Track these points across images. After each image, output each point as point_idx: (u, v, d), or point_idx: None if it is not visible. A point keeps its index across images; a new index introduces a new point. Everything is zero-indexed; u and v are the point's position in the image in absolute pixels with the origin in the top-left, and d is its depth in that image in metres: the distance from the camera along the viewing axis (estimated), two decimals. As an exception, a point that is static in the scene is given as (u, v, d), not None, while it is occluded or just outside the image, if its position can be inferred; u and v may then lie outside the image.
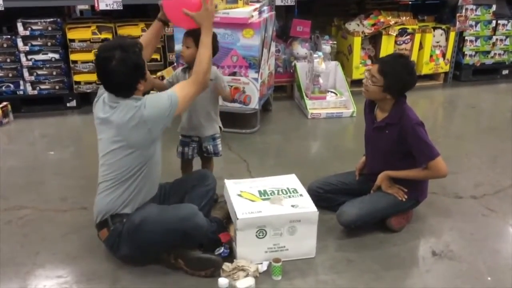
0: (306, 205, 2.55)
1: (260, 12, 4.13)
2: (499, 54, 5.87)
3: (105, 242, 2.43)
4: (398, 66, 2.65)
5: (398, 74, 2.62)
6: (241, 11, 3.90)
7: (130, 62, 2.21)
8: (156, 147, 2.38)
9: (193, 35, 2.81)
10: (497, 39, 5.77)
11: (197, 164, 3.12)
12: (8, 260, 2.54)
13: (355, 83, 5.20)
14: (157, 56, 4.74)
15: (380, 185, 2.80)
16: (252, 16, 3.93)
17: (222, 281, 2.28)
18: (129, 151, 2.29)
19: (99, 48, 2.34)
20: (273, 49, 4.67)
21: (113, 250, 2.43)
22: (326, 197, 2.92)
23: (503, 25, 5.73)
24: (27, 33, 4.47)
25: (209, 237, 2.49)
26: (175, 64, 4.33)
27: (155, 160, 2.40)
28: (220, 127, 3.04)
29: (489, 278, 2.46)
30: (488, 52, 5.82)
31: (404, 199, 2.76)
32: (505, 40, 5.79)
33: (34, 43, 4.51)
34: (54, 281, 2.41)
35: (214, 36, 2.96)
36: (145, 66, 2.32)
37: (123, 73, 2.21)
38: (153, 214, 2.36)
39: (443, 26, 5.58)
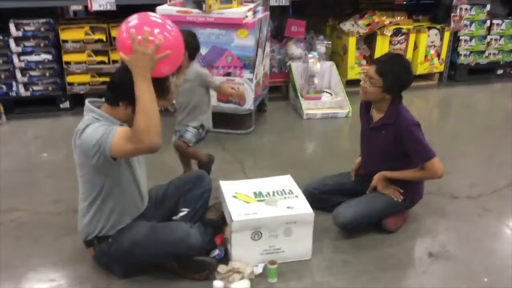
0: (302, 207, 2.53)
1: (255, 12, 4.12)
2: (494, 54, 5.87)
3: (93, 259, 2.43)
4: (396, 66, 2.64)
5: (397, 74, 2.61)
6: (235, 11, 3.89)
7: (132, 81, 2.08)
8: (108, 176, 2.19)
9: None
10: (491, 39, 5.77)
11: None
12: (0, 263, 2.51)
13: (350, 83, 5.19)
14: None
15: (376, 186, 2.79)
16: (247, 16, 3.91)
17: (217, 283, 2.27)
18: (82, 172, 2.24)
19: None
20: (267, 49, 4.65)
21: (102, 266, 2.41)
22: (321, 198, 2.90)
23: (498, 24, 5.73)
24: (20, 34, 4.42)
25: (205, 248, 2.47)
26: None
27: (122, 186, 2.26)
28: (202, 125, 3.11)
29: (485, 279, 2.45)
30: (483, 52, 5.82)
31: (400, 200, 2.75)
32: (499, 39, 5.80)
33: (26, 44, 4.47)
34: (47, 284, 2.38)
35: (192, 34, 3.01)
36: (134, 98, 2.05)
37: (121, 80, 2.12)
38: (143, 236, 2.29)
39: (438, 26, 5.58)
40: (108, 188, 2.23)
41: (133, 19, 2.10)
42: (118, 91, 2.15)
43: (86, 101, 2.24)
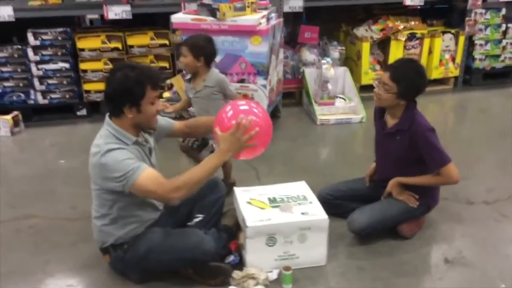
0: (316, 212, 2.53)
1: (268, 19, 4.14)
2: (510, 58, 5.81)
3: (109, 266, 2.46)
4: (410, 71, 2.63)
5: (411, 79, 2.60)
6: (249, 18, 3.91)
7: (125, 83, 2.13)
8: (121, 195, 2.20)
9: (188, 43, 2.98)
10: (507, 43, 5.71)
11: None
12: (18, 269, 2.55)
13: (364, 89, 5.17)
14: (166, 64, 4.77)
15: (390, 192, 2.78)
16: (260, 23, 3.94)
17: (232, 289, 2.28)
18: (95, 187, 2.26)
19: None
20: (281, 55, 4.67)
21: (117, 273, 2.44)
22: (336, 203, 2.90)
23: (513, 28, 5.68)
24: (38, 43, 4.51)
25: (220, 254, 2.48)
26: (184, 71, 4.34)
27: (136, 199, 2.25)
28: None
29: (503, 286, 2.42)
30: (498, 56, 5.76)
31: (415, 206, 2.73)
32: (515, 43, 5.74)
33: (44, 52, 4.55)
34: (65, 290, 2.42)
35: (207, 39, 3.06)
36: (140, 98, 2.16)
37: (114, 88, 2.16)
38: (158, 242, 2.30)
39: (452, 31, 5.55)
40: (121, 202, 2.26)
41: (241, 105, 2.34)
42: (117, 99, 2.18)
43: (107, 115, 2.27)
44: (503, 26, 5.64)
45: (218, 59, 4.01)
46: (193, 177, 2.17)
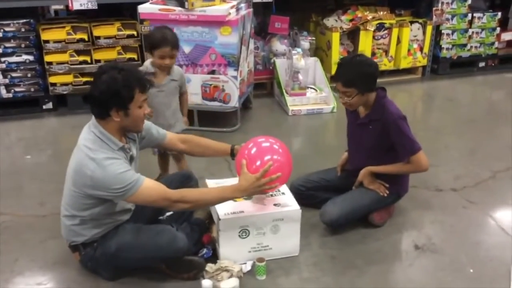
0: (289, 204, 2.54)
1: (238, 9, 4.11)
2: (475, 47, 5.93)
3: (80, 263, 2.41)
4: (356, 68, 2.60)
5: (363, 74, 2.59)
6: (218, 9, 3.87)
7: (113, 85, 2.06)
8: (101, 199, 2.17)
9: (173, 43, 2.87)
10: (473, 32, 5.83)
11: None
12: (-14, 269, 2.48)
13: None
14: (134, 56, 4.68)
15: (362, 181, 2.81)
16: (230, 14, 3.90)
17: (206, 282, 2.27)
18: (74, 188, 2.18)
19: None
20: (251, 46, 4.65)
21: (88, 270, 2.39)
22: (308, 194, 2.91)
23: (479, 18, 5.79)
24: (0, 35, 4.36)
25: (192, 251, 2.45)
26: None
27: (112, 203, 2.22)
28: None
29: (471, 270, 2.49)
30: (465, 45, 5.88)
31: (385, 195, 2.77)
32: (481, 32, 5.86)
33: (7, 45, 4.40)
34: (34, 288, 2.36)
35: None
36: (128, 101, 2.10)
37: (101, 90, 2.08)
38: (129, 241, 2.27)
39: (420, 20, 5.62)
40: (99, 207, 2.21)
41: (262, 142, 2.53)
42: (105, 102, 2.11)
43: (94, 117, 2.20)
44: (469, 16, 5.75)
45: (188, 50, 3.98)
46: (203, 199, 2.28)
